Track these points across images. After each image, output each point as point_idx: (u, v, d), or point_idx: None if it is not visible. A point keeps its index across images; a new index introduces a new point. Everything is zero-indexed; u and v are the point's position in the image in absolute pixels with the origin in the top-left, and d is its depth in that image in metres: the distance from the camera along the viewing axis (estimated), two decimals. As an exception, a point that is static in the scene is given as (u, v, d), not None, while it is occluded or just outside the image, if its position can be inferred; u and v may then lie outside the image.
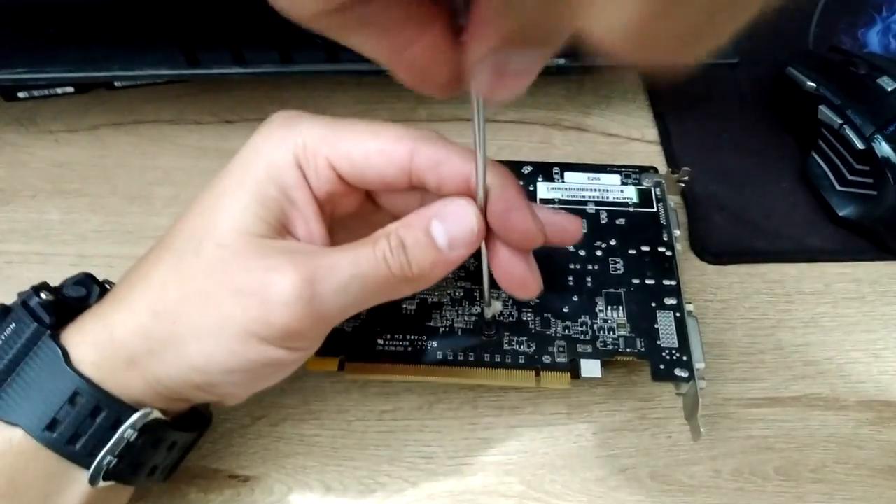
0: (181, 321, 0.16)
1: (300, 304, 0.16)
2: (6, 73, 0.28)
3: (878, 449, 0.23)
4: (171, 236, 0.18)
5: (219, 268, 0.16)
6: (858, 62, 0.29)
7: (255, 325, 0.16)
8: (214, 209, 0.17)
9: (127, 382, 0.17)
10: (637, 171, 0.27)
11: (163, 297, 0.17)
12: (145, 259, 0.18)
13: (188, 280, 0.17)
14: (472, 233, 0.17)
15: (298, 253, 0.16)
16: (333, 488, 0.22)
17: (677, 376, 0.21)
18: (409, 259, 0.16)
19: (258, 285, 0.16)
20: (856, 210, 0.27)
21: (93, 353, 0.17)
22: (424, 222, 0.17)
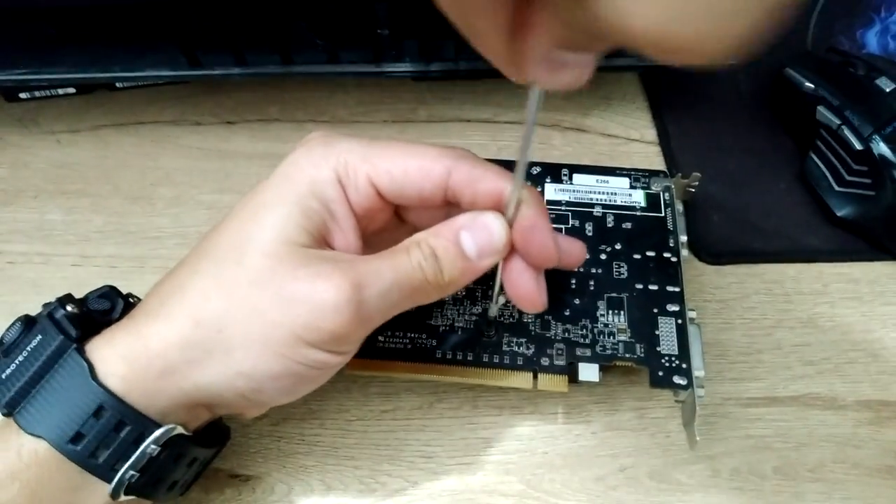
0: (227, 329, 0.17)
1: (349, 309, 0.16)
2: (8, 74, 0.28)
3: (876, 448, 0.23)
4: (207, 247, 0.18)
5: (265, 276, 0.17)
6: (857, 63, 0.29)
7: (305, 331, 0.17)
8: (256, 220, 0.17)
9: (155, 394, 0.17)
10: (646, 175, 0.27)
11: (205, 307, 0.17)
12: (177, 271, 0.18)
13: (232, 289, 0.17)
14: (499, 243, 0.18)
15: (341, 261, 0.17)
16: (334, 487, 0.22)
17: (676, 384, 0.21)
18: (440, 267, 0.18)
19: (307, 292, 0.16)
20: (854, 210, 0.28)
21: (122, 366, 0.17)
22: (454, 233, 0.18)
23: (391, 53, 0.29)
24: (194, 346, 0.17)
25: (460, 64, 0.29)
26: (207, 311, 0.17)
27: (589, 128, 0.32)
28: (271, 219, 0.17)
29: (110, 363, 0.17)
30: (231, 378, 0.17)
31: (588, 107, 0.33)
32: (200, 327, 0.17)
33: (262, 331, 0.17)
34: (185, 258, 0.19)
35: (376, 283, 0.17)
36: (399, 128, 0.32)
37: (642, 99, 0.33)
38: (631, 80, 0.34)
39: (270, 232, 0.17)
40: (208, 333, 0.17)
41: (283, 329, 0.17)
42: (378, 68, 0.29)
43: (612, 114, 0.32)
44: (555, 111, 0.32)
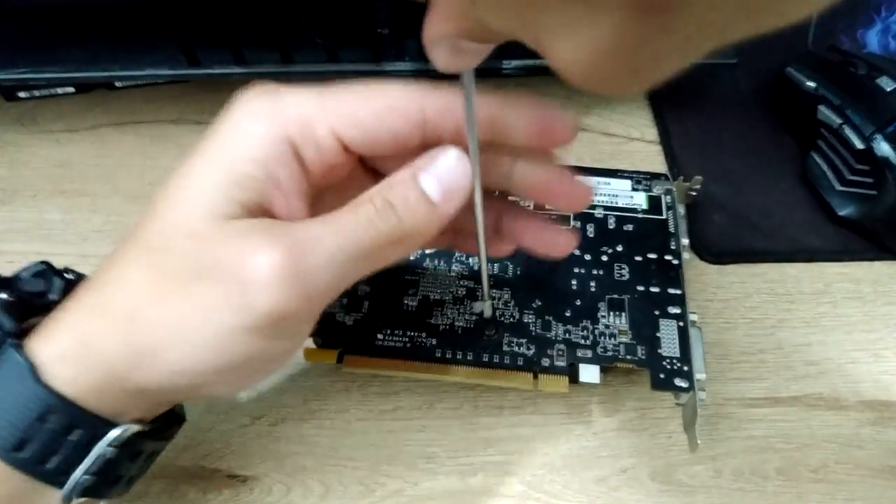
0: (160, 324, 0.15)
1: (285, 282, 0.14)
2: (7, 73, 0.28)
3: (879, 449, 0.23)
4: (140, 230, 0.16)
5: (191, 260, 0.15)
6: (858, 62, 0.29)
7: (240, 315, 0.14)
8: (183, 195, 0.15)
9: (104, 394, 0.16)
10: (648, 178, 0.27)
11: (137, 301, 0.15)
12: (116, 257, 0.16)
13: (161, 279, 0.15)
14: (464, 178, 0.16)
15: (274, 229, 0.15)
16: (333, 488, 0.22)
17: (677, 386, 0.21)
18: (399, 216, 0.15)
19: (235, 269, 0.14)
20: (856, 210, 0.27)
21: (66, 367, 0.15)
22: (411, 176, 0.16)
23: (391, 52, 0.28)
24: (131, 346, 0.15)
25: (460, 63, 0.29)
26: (140, 306, 0.15)
27: (590, 127, 0.32)
28: (196, 192, 0.15)
29: (54, 364, 0.15)
30: (171, 377, 0.15)
31: (589, 106, 0.32)
32: (135, 324, 0.15)
33: (197, 322, 0.15)
34: (124, 240, 0.16)
35: (316, 249, 0.15)
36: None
37: (643, 98, 0.33)
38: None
39: (196, 207, 0.15)
40: (143, 331, 0.15)
41: (218, 317, 0.15)
42: (378, 67, 0.29)
43: (612, 113, 0.32)
44: (555, 111, 0.32)
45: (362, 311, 0.23)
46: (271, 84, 0.16)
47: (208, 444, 0.22)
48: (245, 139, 0.15)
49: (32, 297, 0.17)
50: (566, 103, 0.32)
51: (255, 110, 0.16)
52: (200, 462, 0.22)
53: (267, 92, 0.16)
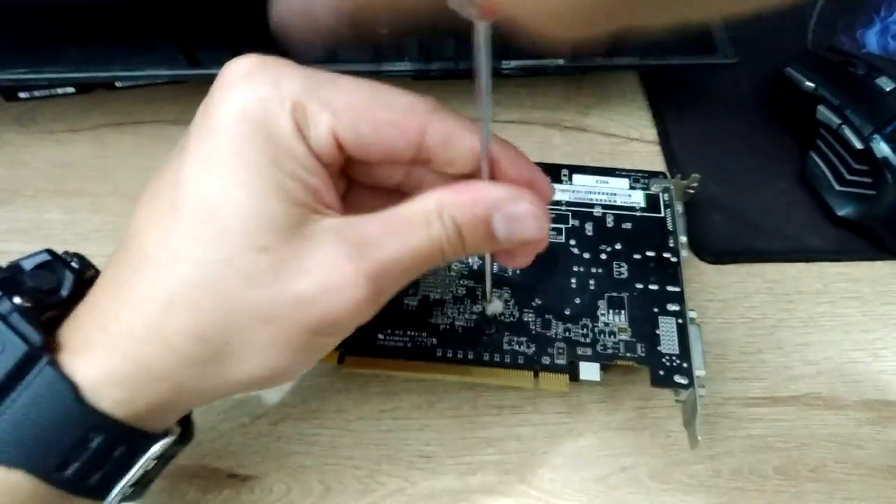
0: (234, 340, 0.15)
1: (367, 300, 0.15)
2: (7, 74, 0.28)
3: (878, 448, 0.23)
4: (177, 245, 0.15)
5: (267, 277, 0.14)
6: (857, 62, 0.29)
7: (320, 326, 0.15)
8: (231, 208, 0.14)
9: (153, 410, 0.16)
10: (646, 176, 0.27)
11: (204, 322, 0.15)
12: (150, 279, 0.15)
13: (229, 296, 0.14)
14: (537, 235, 0.16)
15: (344, 230, 0.15)
16: (333, 487, 0.22)
17: (676, 383, 0.21)
18: (464, 244, 0.16)
19: (320, 288, 0.15)
20: (854, 210, 0.27)
21: (121, 391, 0.15)
22: (485, 210, 0.16)
23: (390, 53, 0.29)
24: (200, 364, 0.15)
25: (460, 63, 0.29)
26: (209, 326, 0.15)
27: (589, 127, 0.32)
28: (248, 205, 0.14)
29: (103, 386, 0.15)
30: (239, 384, 0.16)
31: (588, 106, 0.32)
32: (205, 343, 0.15)
33: (274, 336, 0.15)
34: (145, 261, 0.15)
35: (394, 269, 0.15)
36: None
37: (642, 98, 0.33)
38: (631, 79, 0.34)
39: (251, 221, 0.14)
40: (214, 349, 0.15)
41: (297, 329, 0.15)
42: (377, 67, 0.29)
43: (612, 113, 0.32)
44: (555, 110, 0.32)
45: None
46: (267, 59, 0.15)
47: (208, 444, 0.22)
48: (264, 135, 0.15)
49: (41, 294, 0.16)
50: (564, 104, 0.32)
51: (260, 96, 0.15)
52: (201, 461, 0.22)
53: (263, 71, 0.15)
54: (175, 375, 0.15)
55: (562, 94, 0.33)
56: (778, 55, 0.31)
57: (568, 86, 0.33)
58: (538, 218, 0.16)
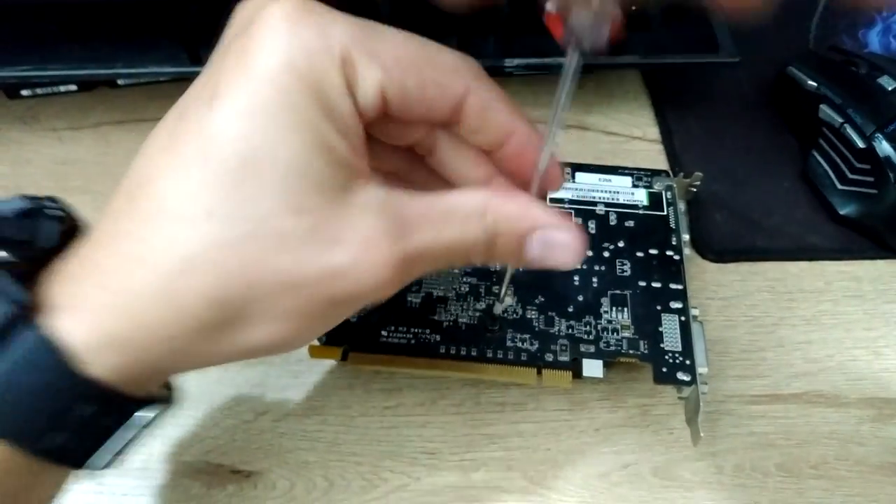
0: (252, 306, 0.14)
1: (393, 286, 0.14)
2: (9, 71, 0.28)
3: (879, 446, 0.23)
4: (205, 201, 0.13)
5: (302, 242, 0.13)
6: (859, 62, 0.29)
7: (345, 300, 0.14)
8: (273, 164, 0.13)
9: (151, 375, 0.15)
10: (649, 174, 0.27)
11: (224, 283, 0.13)
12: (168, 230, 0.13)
13: (255, 258, 0.13)
14: (566, 264, 0.16)
15: (394, 222, 0.14)
16: (336, 483, 0.22)
17: (679, 380, 0.21)
18: (492, 254, 0.15)
19: (354, 263, 0.14)
20: (856, 209, 0.28)
21: (113, 356, 0.14)
22: (527, 227, 0.15)
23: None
24: (211, 329, 0.14)
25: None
26: (229, 290, 0.13)
27: (591, 126, 0.32)
28: (291, 162, 0.13)
29: (95, 350, 0.13)
30: (245, 351, 0.15)
31: (590, 105, 0.33)
32: (221, 307, 0.14)
33: (295, 304, 0.14)
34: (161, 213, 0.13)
35: (427, 256, 0.14)
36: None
37: (645, 97, 0.33)
38: (633, 77, 0.34)
39: (293, 180, 0.13)
40: (230, 314, 0.14)
41: (319, 299, 0.14)
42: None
43: (614, 112, 0.32)
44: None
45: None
46: (313, 3, 0.14)
47: (212, 440, 0.22)
48: (311, 87, 0.13)
49: (20, 245, 0.14)
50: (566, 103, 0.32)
51: (309, 46, 0.13)
52: (204, 457, 0.22)
53: (309, 16, 0.14)
54: (181, 340, 0.14)
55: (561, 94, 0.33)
56: (780, 54, 0.31)
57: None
58: (573, 251, 0.16)
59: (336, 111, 0.14)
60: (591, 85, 0.33)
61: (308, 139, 0.13)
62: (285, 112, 0.13)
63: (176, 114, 0.14)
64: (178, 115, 0.14)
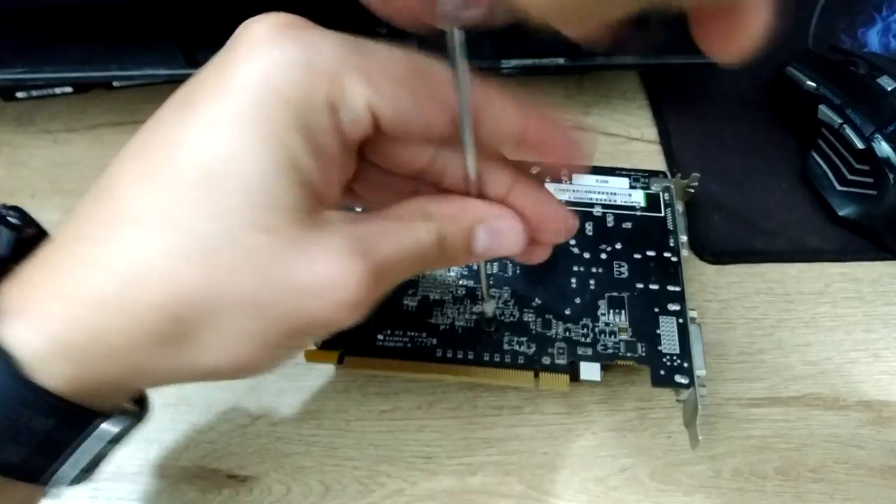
0: (211, 322, 0.13)
1: (363, 306, 0.14)
2: (5, 73, 0.28)
3: (878, 449, 0.23)
4: (168, 211, 0.13)
5: (260, 259, 0.13)
6: (858, 62, 0.29)
7: (310, 326, 0.14)
8: (240, 179, 0.13)
9: (112, 388, 0.14)
10: (646, 175, 0.27)
11: (184, 296, 0.13)
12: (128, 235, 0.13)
13: (217, 273, 0.13)
14: (512, 251, 0.16)
15: (351, 238, 0.14)
16: (332, 488, 0.22)
17: (677, 382, 0.21)
18: (443, 254, 0.15)
19: (318, 284, 0.13)
20: (856, 210, 0.27)
21: (66, 366, 0.13)
22: (469, 222, 0.15)
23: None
24: (166, 342, 0.13)
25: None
26: (187, 304, 0.13)
27: (589, 126, 0.32)
28: (258, 178, 0.13)
29: (47, 358, 0.13)
30: (201, 372, 0.14)
31: (588, 105, 0.32)
32: (177, 322, 0.13)
33: (256, 326, 0.13)
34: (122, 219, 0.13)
35: (391, 269, 0.14)
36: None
37: (643, 97, 0.33)
38: (631, 78, 0.34)
39: (259, 197, 0.13)
40: (186, 329, 0.13)
41: (283, 322, 0.14)
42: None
43: (612, 112, 0.32)
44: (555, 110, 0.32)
45: None
46: (293, 19, 0.14)
47: (208, 444, 0.22)
48: (292, 110, 0.13)
49: None
50: (565, 104, 0.32)
51: (293, 65, 0.13)
52: (200, 462, 0.22)
53: (293, 32, 0.13)
54: (134, 353, 0.13)
55: (562, 94, 0.33)
56: (779, 54, 0.31)
57: (568, 85, 0.33)
58: (518, 234, 0.16)
59: (312, 129, 0.13)
60: (590, 85, 0.33)
61: (276, 156, 0.13)
62: (256, 125, 0.13)
63: (152, 123, 0.14)
64: (153, 123, 0.14)
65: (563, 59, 0.29)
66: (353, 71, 0.13)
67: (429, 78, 0.14)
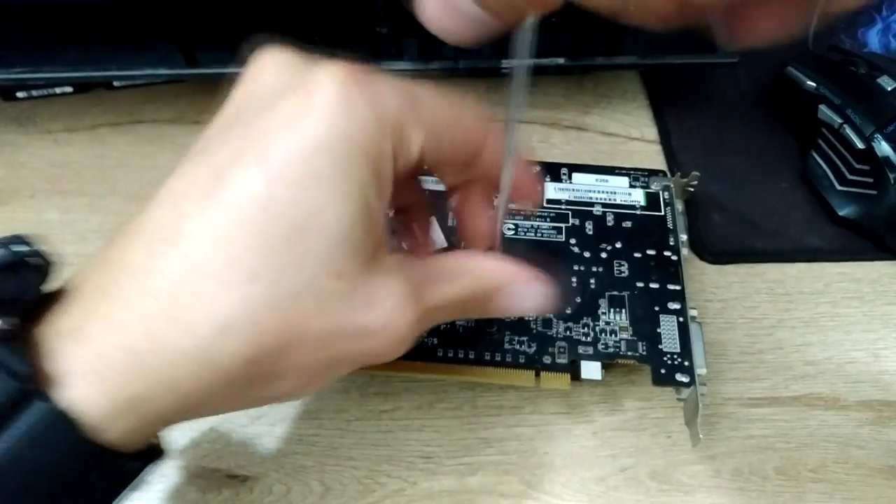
0: (282, 363, 0.14)
1: (411, 343, 0.16)
2: (5, 73, 0.28)
3: (878, 448, 0.23)
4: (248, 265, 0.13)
5: (338, 304, 0.14)
6: (858, 62, 0.29)
7: (366, 359, 0.15)
8: (320, 231, 0.13)
9: (160, 427, 0.15)
10: (646, 175, 0.27)
11: (261, 343, 0.13)
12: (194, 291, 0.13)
13: (299, 322, 0.14)
14: (531, 306, 0.18)
15: (412, 285, 0.15)
16: (333, 488, 0.22)
17: (678, 381, 0.21)
18: (474, 307, 0.17)
19: (382, 325, 0.15)
20: (856, 210, 0.27)
21: (133, 419, 0.13)
22: (500, 283, 0.17)
23: (390, 52, 0.28)
24: (239, 384, 0.14)
25: (459, 62, 0.29)
26: (265, 349, 0.14)
27: (589, 126, 0.32)
28: (340, 230, 0.14)
29: (112, 416, 0.13)
30: (263, 401, 0.15)
31: (588, 105, 0.32)
32: (254, 365, 0.14)
33: (321, 360, 0.14)
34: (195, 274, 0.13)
35: (435, 315, 0.16)
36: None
37: (643, 97, 0.33)
38: (631, 78, 0.34)
39: (338, 247, 0.14)
40: (261, 370, 0.14)
41: (345, 357, 0.15)
42: (377, 66, 0.28)
43: (612, 112, 0.32)
44: (555, 109, 0.32)
45: None
46: (353, 70, 0.14)
47: (208, 444, 0.22)
48: (367, 161, 0.14)
49: (9, 304, 0.13)
50: (565, 103, 0.32)
51: (365, 119, 0.14)
52: (200, 462, 0.22)
53: (362, 88, 0.14)
54: (205, 398, 0.14)
55: (562, 93, 0.33)
56: (779, 55, 0.31)
57: (568, 85, 0.33)
58: (536, 297, 0.17)
59: (381, 178, 0.14)
60: (589, 85, 0.33)
61: (357, 209, 0.14)
62: (339, 182, 0.14)
63: (208, 170, 0.14)
64: (212, 173, 0.14)
65: (563, 58, 0.29)
66: (411, 120, 0.15)
67: (462, 118, 0.16)
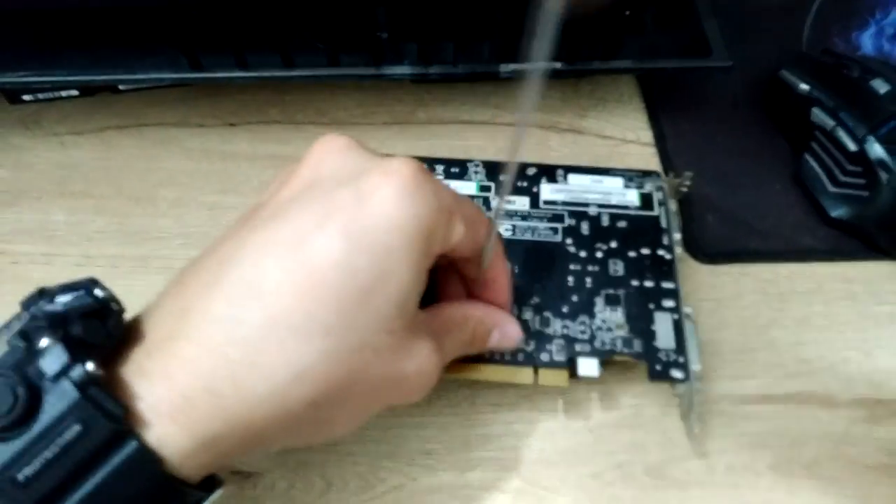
0: (341, 406, 0.17)
1: (434, 382, 0.19)
2: (11, 77, 0.29)
3: (871, 446, 0.23)
4: (324, 321, 0.15)
5: (386, 354, 0.17)
6: (851, 65, 0.29)
7: (399, 401, 0.19)
8: (386, 296, 0.16)
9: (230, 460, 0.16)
10: (640, 175, 0.27)
11: (326, 390, 0.16)
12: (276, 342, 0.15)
13: (360, 371, 0.16)
14: (510, 348, 0.22)
15: (434, 337, 0.18)
16: (334, 484, 0.22)
17: (673, 377, 0.22)
18: (471, 346, 0.21)
19: (416, 372, 0.18)
20: (848, 211, 0.28)
21: (210, 455, 0.15)
22: (491, 325, 0.21)
23: (391, 56, 0.29)
24: (302, 425, 0.16)
25: (459, 66, 0.29)
26: (328, 395, 0.16)
27: (585, 129, 0.32)
28: (401, 295, 0.16)
29: (193, 454, 0.15)
30: (311, 440, 0.18)
31: (585, 108, 0.33)
32: (316, 409, 0.16)
33: (370, 403, 0.18)
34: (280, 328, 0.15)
35: (448, 357, 0.20)
36: (398, 129, 0.32)
37: (639, 101, 0.33)
38: (627, 81, 0.34)
39: (397, 309, 0.16)
40: (321, 414, 0.16)
41: (387, 401, 0.18)
42: (377, 71, 0.29)
43: (608, 115, 0.33)
44: (551, 113, 0.32)
45: None
46: (418, 166, 0.17)
47: (211, 441, 0.23)
48: (427, 239, 0.17)
49: (88, 348, 0.14)
50: (562, 107, 0.33)
51: (431, 207, 0.17)
52: (204, 458, 0.22)
53: (428, 184, 0.17)
54: (271, 436, 0.16)
55: (558, 97, 0.33)
56: (772, 58, 0.32)
57: (564, 88, 0.34)
58: (515, 336, 0.22)
59: (431, 254, 0.17)
60: (586, 89, 0.34)
61: (414, 278, 0.17)
62: (404, 255, 0.16)
63: (292, 235, 0.16)
64: (296, 238, 0.16)
65: (559, 62, 0.29)
66: (458, 213, 0.18)
67: (479, 219, 0.19)
